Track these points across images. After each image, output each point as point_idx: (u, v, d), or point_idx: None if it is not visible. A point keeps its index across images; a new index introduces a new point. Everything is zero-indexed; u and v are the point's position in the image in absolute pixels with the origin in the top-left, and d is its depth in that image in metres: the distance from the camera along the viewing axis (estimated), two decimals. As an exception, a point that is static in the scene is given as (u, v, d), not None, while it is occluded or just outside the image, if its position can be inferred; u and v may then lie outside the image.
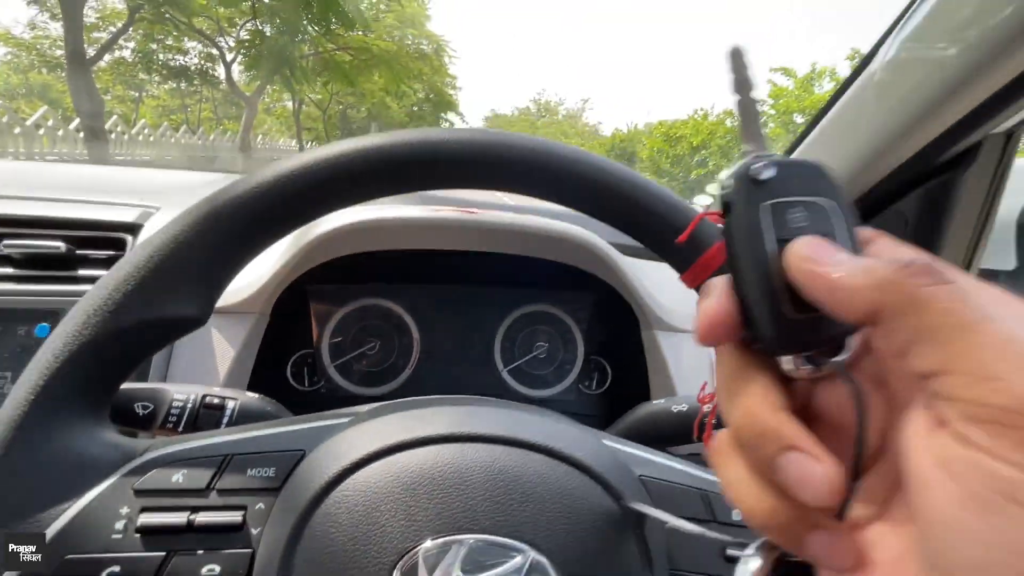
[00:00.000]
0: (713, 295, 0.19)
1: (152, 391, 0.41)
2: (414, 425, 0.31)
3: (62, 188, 0.66)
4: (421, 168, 0.32)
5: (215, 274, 0.32)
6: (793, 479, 0.15)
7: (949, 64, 0.42)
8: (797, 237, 0.17)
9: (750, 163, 0.18)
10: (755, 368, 0.18)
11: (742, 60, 0.20)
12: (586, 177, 0.35)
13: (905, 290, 0.14)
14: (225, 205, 0.31)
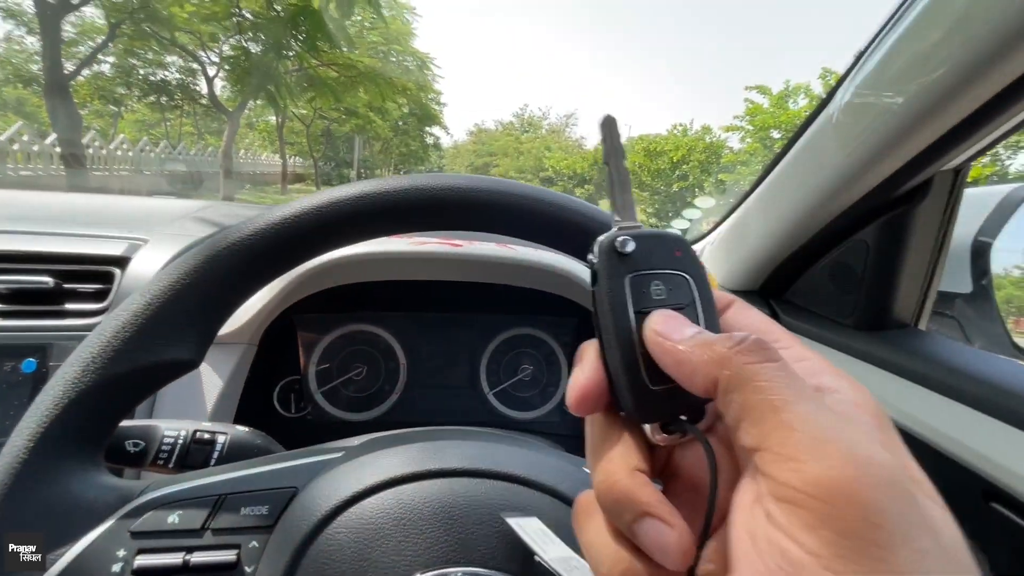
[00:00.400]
0: (584, 364, 0.19)
1: (143, 428, 0.42)
2: (404, 461, 0.32)
3: (47, 220, 0.66)
4: (382, 215, 0.34)
5: (210, 318, 0.33)
6: (648, 544, 0.16)
7: (896, 111, 0.46)
8: (655, 309, 0.18)
9: (615, 235, 0.19)
10: (617, 431, 0.18)
11: (613, 129, 0.20)
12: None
13: (734, 366, 0.15)
14: (222, 253, 0.33)
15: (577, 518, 0.19)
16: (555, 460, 0.36)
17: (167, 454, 0.42)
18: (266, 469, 0.34)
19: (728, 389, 0.15)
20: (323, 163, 17.48)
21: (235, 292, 0.34)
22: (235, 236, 0.33)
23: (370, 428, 0.80)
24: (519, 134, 33.09)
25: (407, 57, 12.44)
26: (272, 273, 0.34)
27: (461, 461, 0.32)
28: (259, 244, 0.33)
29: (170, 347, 0.32)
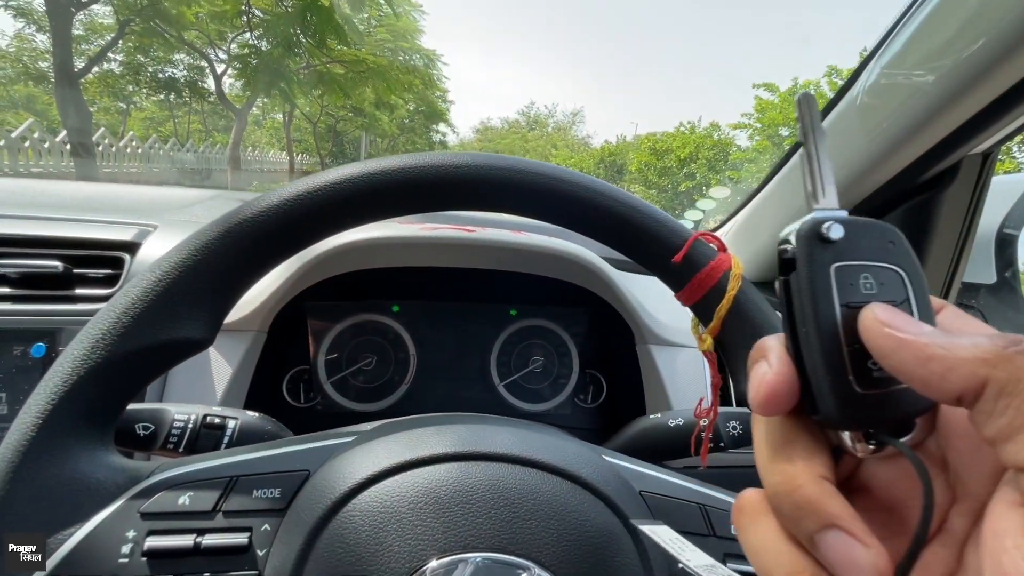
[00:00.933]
0: (770, 362, 0.17)
1: (153, 412, 0.41)
2: (418, 444, 0.31)
3: (57, 206, 0.66)
4: (431, 190, 0.33)
5: (221, 297, 0.33)
6: (834, 560, 0.14)
7: (926, 90, 0.44)
8: (867, 303, 0.16)
9: (818, 220, 0.17)
10: (804, 434, 0.17)
11: (811, 107, 0.19)
12: (583, 199, 0.36)
13: (1014, 368, 0.13)
14: (233, 229, 0.32)
15: (741, 519, 0.18)
16: (573, 445, 0.35)
17: (177, 438, 0.41)
18: (278, 452, 0.33)
19: (1002, 393, 0.13)
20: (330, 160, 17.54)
21: (248, 270, 0.33)
22: (248, 212, 0.32)
23: (379, 418, 0.78)
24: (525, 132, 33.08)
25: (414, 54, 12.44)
26: (288, 249, 0.34)
27: (477, 444, 0.31)
28: (282, 215, 0.32)
29: (181, 325, 0.31)
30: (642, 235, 0.37)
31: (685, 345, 0.68)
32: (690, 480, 0.36)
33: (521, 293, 0.81)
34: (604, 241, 0.38)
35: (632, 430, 0.52)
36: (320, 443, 0.34)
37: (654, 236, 0.37)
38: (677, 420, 0.50)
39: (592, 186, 0.36)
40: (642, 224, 0.37)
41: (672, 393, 0.65)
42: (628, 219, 0.37)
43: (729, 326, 0.37)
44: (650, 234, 0.37)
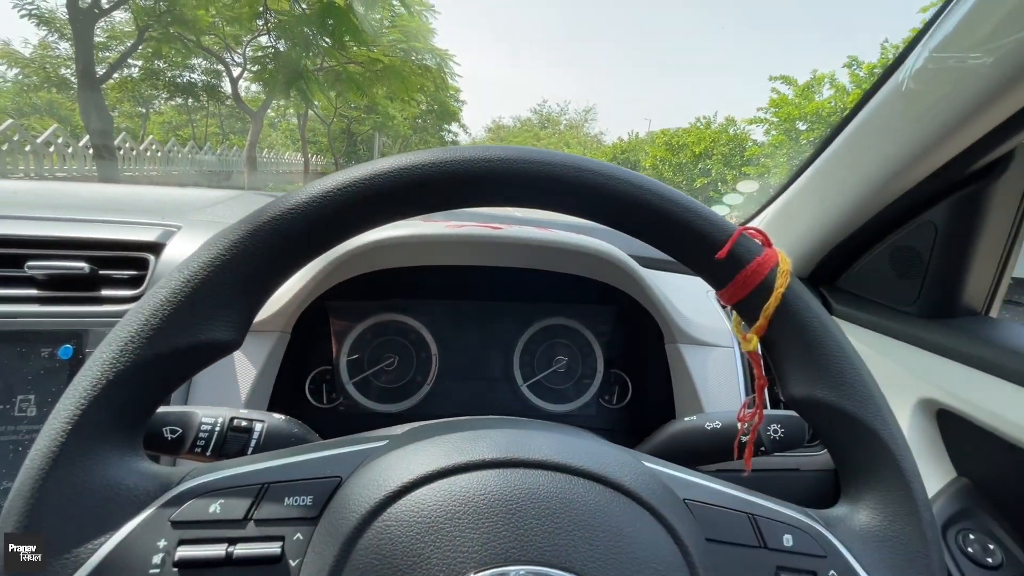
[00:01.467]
0: None
1: (180, 415, 0.41)
2: (454, 450, 0.30)
3: (81, 208, 0.66)
4: (466, 186, 0.32)
5: (250, 297, 0.32)
6: None
7: (983, 74, 0.42)
8: None
9: None
10: None
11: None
12: (620, 193, 0.34)
13: None
14: (262, 227, 0.31)
15: None
16: (614, 451, 0.33)
17: (204, 441, 0.40)
18: (308, 457, 0.32)
19: None
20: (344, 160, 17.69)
21: (277, 269, 0.32)
22: (277, 210, 0.31)
23: (402, 419, 0.78)
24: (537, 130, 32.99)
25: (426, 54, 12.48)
26: (318, 247, 0.32)
27: (516, 450, 0.30)
28: (311, 213, 0.31)
29: (209, 327, 0.30)
30: (682, 231, 0.35)
31: (716, 344, 0.66)
32: (736, 487, 0.35)
33: (544, 291, 0.80)
34: (641, 237, 0.36)
35: (666, 433, 0.50)
36: (351, 448, 0.33)
37: (695, 231, 0.35)
38: (714, 423, 0.48)
39: (630, 180, 0.34)
40: (682, 219, 0.35)
41: (703, 394, 0.63)
42: (667, 214, 0.35)
43: (776, 325, 0.35)
44: (691, 229, 0.35)
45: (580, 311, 0.82)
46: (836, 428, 0.35)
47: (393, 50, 11.79)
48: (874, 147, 0.56)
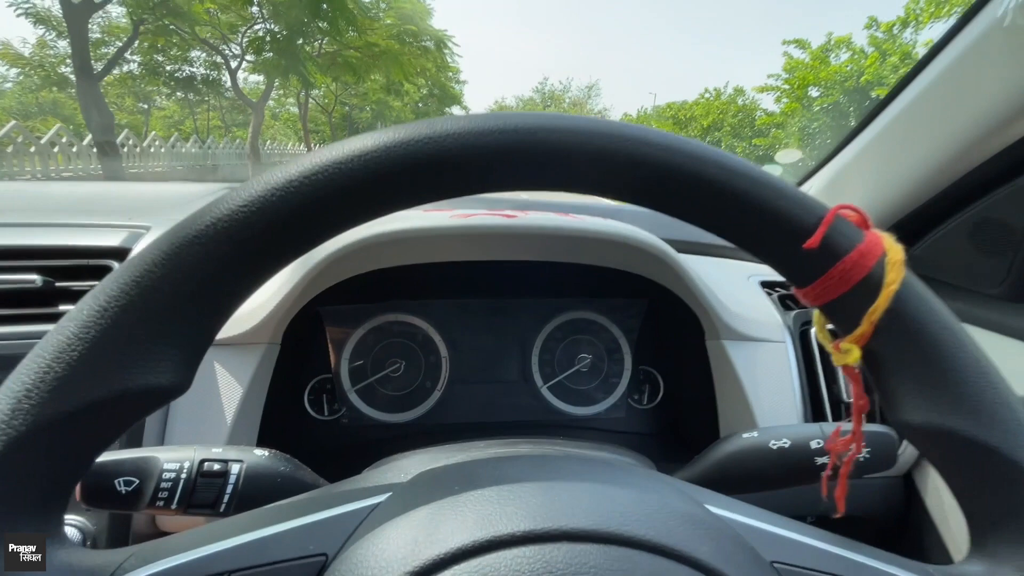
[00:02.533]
0: None
1: (136, 462, 0.33)
2: (477, 519, 0.22)
3: (43, 211, 0.58)
4: (487, 165, 0.24)
5: (195, 325, 0.24)
6: None
7: None
8: None
9: None
10: None
11: None
12: (673, 167, 0.26)
13: None
14: (204, 233, 0.23)
15: None
16: (674, 501, 0.26)
17: (168, 492, 0.33)
18: (285, 528, 0.24)
19: None
20: (347, 149, 17.55)
21: (231, 285, 0.24)
22: (226, 208, 0.23)
23: (411, 430, 0.71)
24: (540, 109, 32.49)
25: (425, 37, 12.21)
26: (287, 253, 0.24)
27: (556, 514, 0.22)
28: (269, 212, 0.23)
29: (139, 369, 0.22)
30: (758, 213, 0.27)
31: (766, 340, 0.57)
32: (834, 540, 0.27)
33: (565, 284, 0.71)
34: (699, 222, 0.28)
35: (721, 453, 0.42)
36: (341, 508, 0.26)
37: (776, 214, 0.26)
38: (781, 441, 0.40)
39: (693, 152, 0.26)
40: (759, 198, 0.26)
41: (753, 398, 0.55)
42: (736, 193, 0.26)
43: (885, 333, 0.26)
44: (770, 211, 0.26)
45: (605, 304, 0.73)
46: (967, 465, 0.26)
47: (390, 33, 11.58)
48: (959, 100, 0.47)
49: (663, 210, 0.27)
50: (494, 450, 0.36)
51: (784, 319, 0.60)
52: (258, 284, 0.25)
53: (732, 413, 0.58)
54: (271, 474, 0.37)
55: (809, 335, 0.58)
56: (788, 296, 0.64)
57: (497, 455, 0.34)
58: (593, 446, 0.44)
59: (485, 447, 0.38)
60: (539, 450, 0.39)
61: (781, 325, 0.59)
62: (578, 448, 0.42)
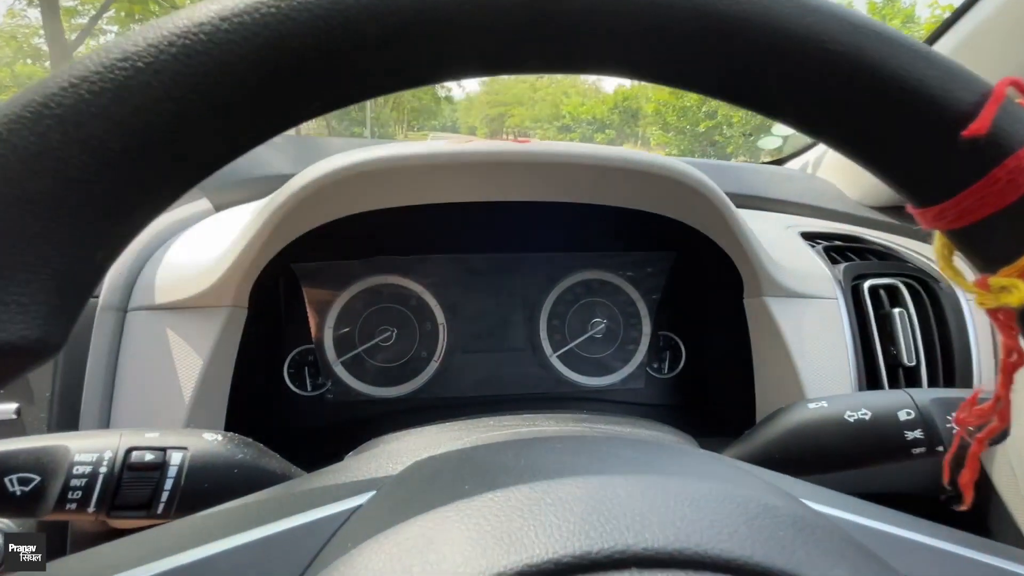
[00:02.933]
0: None
1: (34, 454, 0.25)
2: (493, 534, 0.15)
3: None
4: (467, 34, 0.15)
5: (64, 249, 0.15)
6: None
7: None
8: None
9: None
10: None
11: None
12: (784, 27, 0.17)
13: None
14: (58, 97, 0.14)
15: None
16: (774, 496, 0.19)
17: (82, 491, 0.25)
18: (224, 548, 0.17)
19: None
20: (336, 123, 17.15)
21: (122, 185, 0.15)
22: (108, 56, 0.15)
23: (405, 405, 0.64)
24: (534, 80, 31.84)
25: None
26: (210, 154, 0.16)
27: (630, 527, 0.15)
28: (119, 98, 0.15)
29: None
30: (879, 83, 0.18)
31: (815, 296, 0.49)
32: (974, 542, 0.20)
33: (579, 236, 0.63)
34: (783, 98, 0.19)
35: (781, 426, 0.34)
36: (303, 518, 0.19)
37: (909, 86, 0.18)
38: (860, 412, 0.33)
39: None
40: (882, 61, 0.17)
41: (800, 362, 0.47)
42: (848, 52, 0.17)
43: None
44: (900, 82, 0.18)
45: (624, 260, 0.65)
46: None
47: None
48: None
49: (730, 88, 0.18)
50: (509, 430, 0.29)
51: (833, 272, 0.52)
52: (170, 187, 0.16)
53: (772, 381, 0.51)
54: (224, 464, 0.29)
55: (862, 290, 0.51)
56: (834, 248, 0.56)
57: (515, 436, 0.26)
58: (626, 420, 0.37)
59: (496, 425, 0.31)
60: (567, 428, 0.32)
61: (830, 279, 0.51)
62: (611, 423, 0.34)
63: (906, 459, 0.32)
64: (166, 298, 0.44)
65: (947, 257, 0.22)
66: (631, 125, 22.02)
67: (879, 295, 0.51)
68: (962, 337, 0.50)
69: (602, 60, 0.17)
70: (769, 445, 0.34)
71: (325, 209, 0.44)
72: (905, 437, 0.32)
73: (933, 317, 0.50)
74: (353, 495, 0.20)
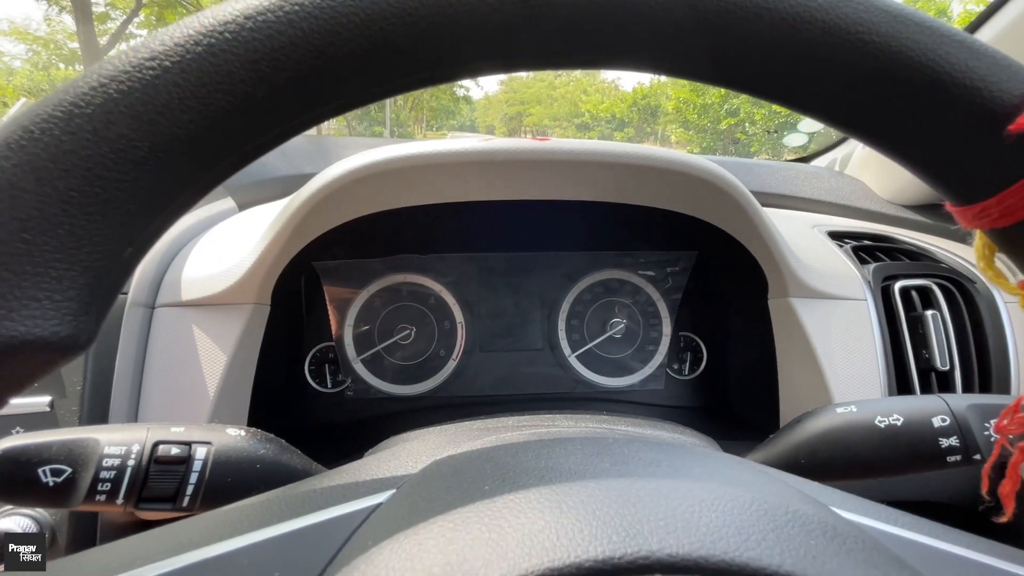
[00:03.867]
0: None
1: (67, 446, 0.26)
2: (514, 536, 0.15)
3: None
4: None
5: (94, 245, 0.15)
6: None
7: None
8: None
9: None
10: None
11: None
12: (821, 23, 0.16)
13: None
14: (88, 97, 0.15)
15: None
16: (795, 499, 0.18)
17: (111, 483, 0.26)
18: (245, 544, 0.17)
19: None
20: (356, 123, 17.33)
21: (150, 183, 0.15)
22: (136, 57, 0.15)
23: (423, 404, 0.64)
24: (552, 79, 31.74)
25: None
26: (229, 152, 0.16)
27: (655, 532, 0.15)
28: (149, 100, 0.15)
29: (14, 311, 0.14)
30: (922, 75, 0.17)
31: (842, 297, 0.48)
32: (1020, 557, 0.19)
33: (598, 235, 0.62)
34: (817, 91, 0.18)
35: (808, 431, 0.34)
36: (323, 515, 0.19)
37: (954, 78, 0.17)
38: (891, 418, 0.32)
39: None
40: (926, 52, 0.17)
41: (827, 365, 0.46)
42: (889, 42, 0.17)
43: None
44: (945, 74, 0.17)
45: (645, 259, 0.64)
46: None
47: None
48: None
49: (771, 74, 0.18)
50: (529, 430, 0.28)
51: (862, 273, 0.50)
52: (196, 185, 0.17)
53: (797, 384, 0.49)
54: (248, 459, 0.29)
55: (892, 292, 0.49)
56: (863, 248, 0.54)
57: (535, 437, 0.26)
58: (646, 422, 0.36)
59: (516, 425, 0.30)
60: (587, 429, 0.31)
61: (859, 280, 0.49)
62: (631, 425, 0.34)
63: (940, 467, 0.31)
64: (191, 295, 0.45)
65: (988, 258, 0.21)
66: (651, 123, 21.76)
67: (910, 297, 0.50)
68: (999, 341, 0.48)
69: (631, 54, 0.17)
70: (795, 450, 0.33)
71: (345, 208, 0.44)
72: (939, 444, 0.30)
73: (968, 320, 0.49)
74: (373, 493, 0.20)
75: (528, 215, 0.55)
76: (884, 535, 0.19)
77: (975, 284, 0.50)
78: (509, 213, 0.54)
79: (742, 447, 0.35)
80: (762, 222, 0.43)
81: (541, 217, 0.56)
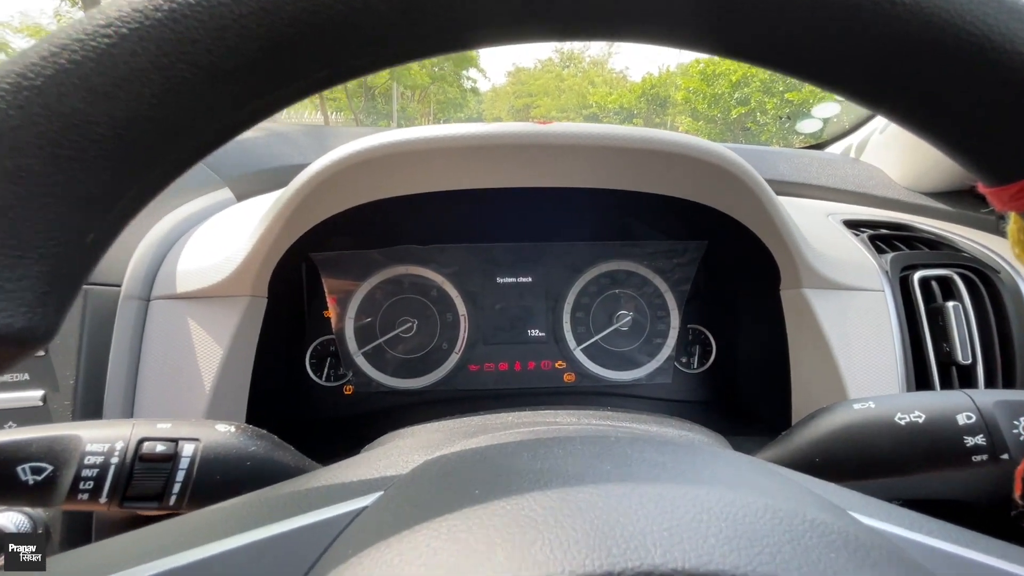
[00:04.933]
0: None
1: (47, 443, 0.25)
2: (504, 548, 0.13)
3: None
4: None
5: (53, 232, 0.14)
6: None
7: None
8: None
9: None
10: None
11: None
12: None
13: None
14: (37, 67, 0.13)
15: None
16: (812, 504, 0.17)
17: (93, 481, 0.25)
18: (235, 545, 0.17)
19: None
20: (363, 116, 17.33)
21: (113, 163, 0.14)
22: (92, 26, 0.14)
23: (425, 397, 0.63)
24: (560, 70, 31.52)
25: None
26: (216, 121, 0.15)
27: (657, 542, 0.14)
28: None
29: None
30: (953, 37, 0.15)
31: (858, 288, 0.46)
32: None
33: (603, 224, 0.61)
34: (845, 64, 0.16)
35: (823, 428, 0.32)
36: (307, 519, 0.18)
37: (992, 44, 0.15)
38: (912, 414, 0.30)
39: None
40: (959, 10, 0.15)
41: (841, 358, 0.44)
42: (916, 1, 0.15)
43: None
44: (981, 39, 0.15)
45: (648, 251, 0.63)
46: None
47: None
48: None
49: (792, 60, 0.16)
50: (527, 428, 0.27)
51: (879, 263, 0.48)
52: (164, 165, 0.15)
53: (811, 378, 0.48)
54: (237, 456, 0.28)
55: (911, 282, 0.47)
56: (880, 237, 0.52)
57: (533, 436, 0.25)
58: (653, 418, 0.35)
59: (514, 422, 0.29)
60: (588, 427, 0.30)
61: (876, 270, 0.47)
62: (637, 421, 0.32)
63: (965, 467, 0.29)
64: (187, 287, 0.44)
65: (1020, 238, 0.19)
66: (660, 114, 21.56)
67: (930, 287, 0.47)
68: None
69: (660, 26, 0.15)
70: (810, 447, 0.32)
71: (339, 197, 0.43)
72: (964, 443, 0.29)
73: (992, 311, 0.46)
74: (360, 495, 0.19)
75: (531, 204, 0.53)
76: (909, 543, 0.18)
77: (999, 274, 0.48)
78: (512, 202, 0.52)
79: (753, 444, 0.33)
80: (775, 209, 0.42)
81: (545, 206, 0.54)
